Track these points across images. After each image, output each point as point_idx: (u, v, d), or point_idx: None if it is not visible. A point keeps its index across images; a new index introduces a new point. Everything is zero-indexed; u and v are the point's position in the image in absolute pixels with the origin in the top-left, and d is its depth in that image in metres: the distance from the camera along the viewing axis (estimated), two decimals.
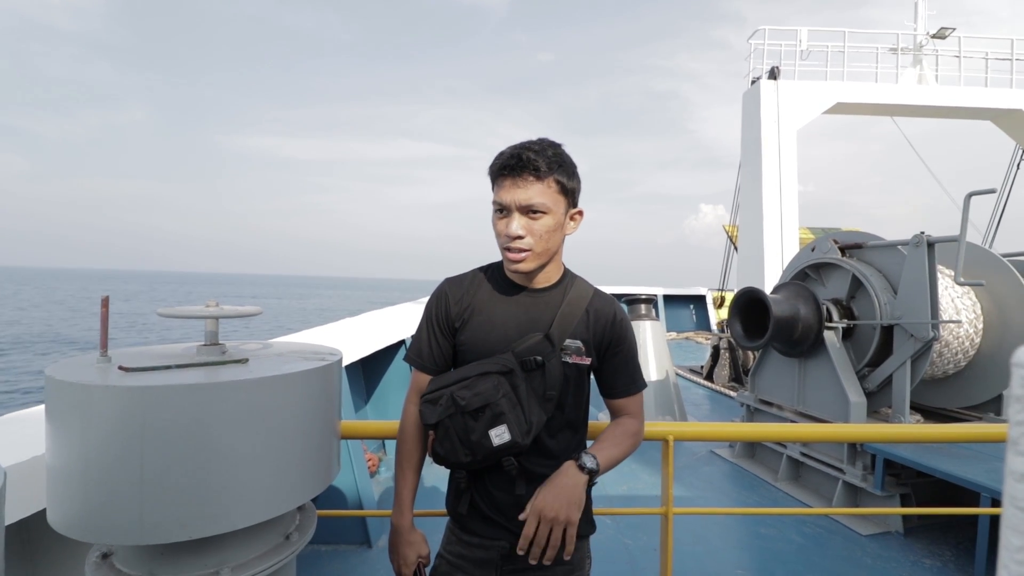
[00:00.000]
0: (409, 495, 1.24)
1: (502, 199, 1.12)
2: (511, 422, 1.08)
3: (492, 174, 1.15)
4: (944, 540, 3.02)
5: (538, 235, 1.12)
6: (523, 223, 1.12)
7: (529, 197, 1.10)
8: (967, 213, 3.27)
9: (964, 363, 3.91)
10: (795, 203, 10.64)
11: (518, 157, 1.10)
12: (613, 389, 1.24)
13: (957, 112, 11.57)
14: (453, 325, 1.22)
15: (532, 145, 1.13)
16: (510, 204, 1.11)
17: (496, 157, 1.15)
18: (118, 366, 0.98)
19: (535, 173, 1.10)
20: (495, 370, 1.11)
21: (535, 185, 1.11)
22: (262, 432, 0.98)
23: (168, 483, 0.89)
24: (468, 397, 1.09)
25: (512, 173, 1.11)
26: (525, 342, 1.15)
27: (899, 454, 3.06)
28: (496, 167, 1.14)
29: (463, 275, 1.28)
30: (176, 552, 0.99)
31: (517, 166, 1.10)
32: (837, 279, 4.04)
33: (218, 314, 1.11)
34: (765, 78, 10.87)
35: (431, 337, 1.23)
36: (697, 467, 4.23)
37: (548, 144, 1.14)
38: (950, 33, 11.19)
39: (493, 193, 1.16)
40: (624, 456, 1.20)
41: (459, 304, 1.22)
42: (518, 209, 1.11)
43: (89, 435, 0.88)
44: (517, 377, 1.12)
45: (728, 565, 2.77)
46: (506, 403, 1.09)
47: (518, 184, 1.11)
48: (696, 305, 14.41)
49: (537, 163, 1.10)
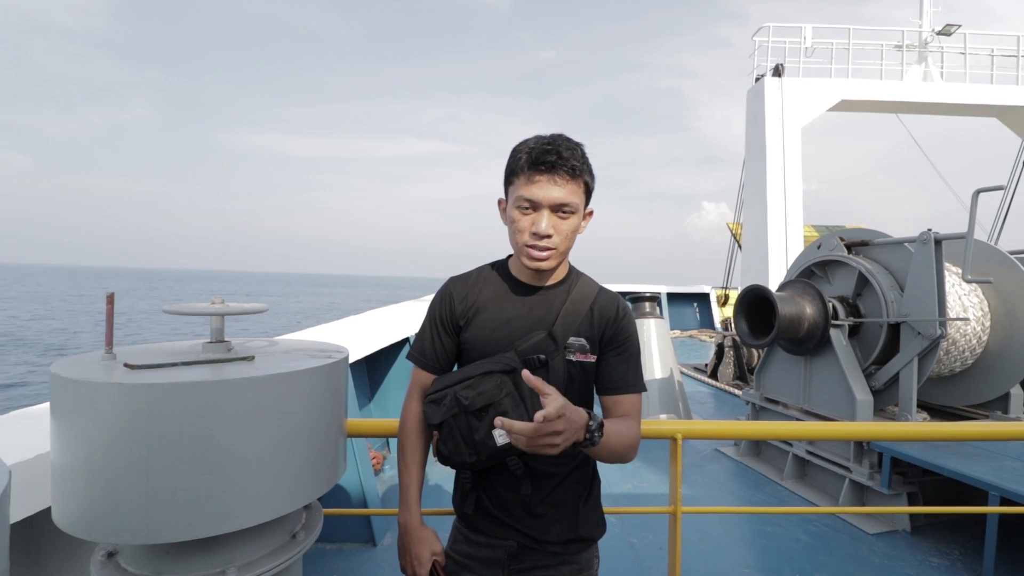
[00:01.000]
0: (416, 492, 1.21)
1: (534, 195, 1.07)
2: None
3: (520, 167, 1.09)
4: (952, 539, 3.00)
5: (564, 234, 1.10)
6: (553, 221, 1.08)
7: (564, 196, 1.07)
8: (975, 210, 3.25)
9: (971, 361, 3.89)
10: (800, 200, 10.60)
11: (557, 153, 1.06)
12: (609, 384, 1.16)
13: (962, 109, 11.50)
14: (457, 323, 1.21)
15: (565, 141, 1.09)
16: (542, 201, 1.07)
17: (523, 150, 1.10)
18: (124, 363, 0.97)
19: (571, 172, 1.07)
20: (498, 369, 1.10)
21: (569, 184, 1.07)
22: (269, 430, 0.97)
23: (175, 482, 0.89)
24: (471, 397, 1.08)
25: (550, 169, 1.06)
26: (528, 340, 1.14)
27: (906, 452, 3.04)
28: (529, 161, 1.08)
29: (468, 273, 1.26)
30: (182, 551, 0.98)
31: (556, 163, 1.06)
32: (843, 277, 4.01)
33: (224, 311, 1.10)
34: (769, 75, 10.83)
35: (435, 335, 1.21)
36: (702, 465, 4.22)
37: (575, 142, 1.11)
38: (955, 30, 11.13)
39: (513, 186, 1.11)
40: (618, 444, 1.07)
41: (464, 302, 1.20)
42: (549, 207, 1.08)
43: (95, 433, 0.87)
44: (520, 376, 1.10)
45: (734, 564, 2.76)
46: (509, 402, 1.07)
47: (555, 181, 1.06)
48: (700, 303, 14.38)
49: (573, 161, 1.07)
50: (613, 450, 1.07)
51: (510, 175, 1.12)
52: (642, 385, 1.20)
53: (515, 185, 1.11)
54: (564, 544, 1.16)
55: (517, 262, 1.20)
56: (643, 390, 1.20)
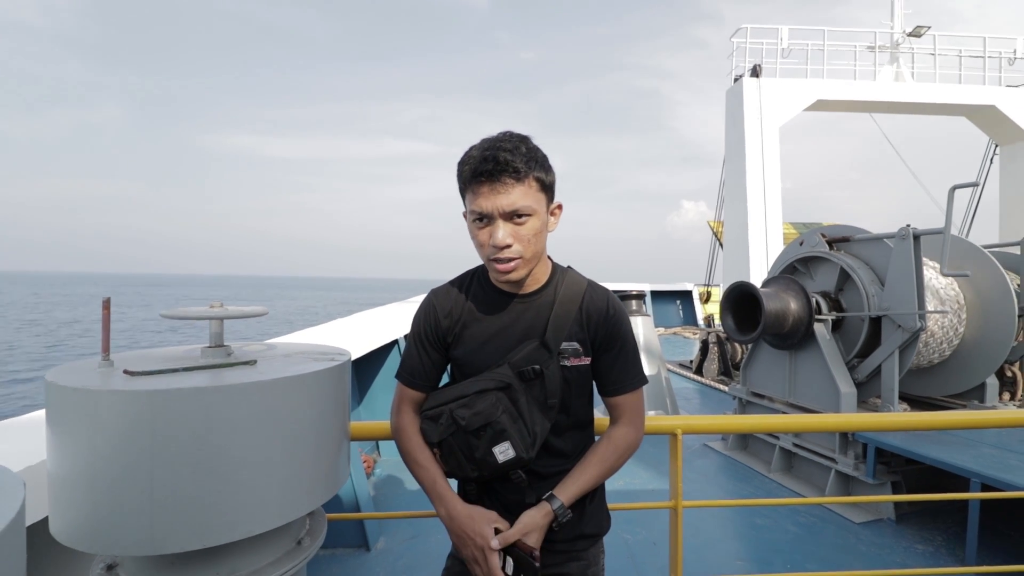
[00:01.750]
0: (444, 483, 1.13)
1: (482, 207, 1.02)
2: (514, 438, 1.06)
3: (464, 180, 1.05)
4: (935, 525, 3.08)
5: (526, 240, 1.05)
6: (509, 230, 1.03)
7: (512, 202, 1.01)
8: (951, 206, 3.34)
9: (949, 352, 4.00)
10: (779, 198, 10.81)
11: (494, 160, 1.00)
12: (608, 385, 1.18)
13: (933, 108, 11.85)
14: (445, 340, 1.17)
15: (503, 143, 1.03)
16: (492, 212, 1.02)
17: (464, 160, 1.05)
18: (123, 370, 0.94)
19: (514, 175, 1.01)
20: (492, 387, 1.08)
21: (516, 188, 1.01)
22: (274, 435, 0.95)
23: (179, 490, 0.86)
24: (468, 416, 1.06)
25: (490, 178, 1.00)
26: (520, 352, 1.11)
27: (889, 442, 3.12)
28: (468, 173, 1.03)
29: (448, 286, 1.21)
30: (185, 561, 0.95)
31: (494, 170, 1.00)
32: (825, 272, 4.10)
33: (224, 315, 1.07)
34: (748, 76, 11.01)
35: (422, 353, 1.18)
36: (691, 460, 4.27)
37: (518, 138, 1.05)
38: (925, 31, 11.46)
39: (466, 201, 1.06)
40: (607, 474, 1.16)
41: (449, 318, 1.17)
42: (501, 216, 1.02)
43: (95, 443, 0.85)
44: (516, 391, 1.08)
45: (726, 556, 2.80)
46: (507, 419, 1.06)
47: (497, 190, 1.01)
48: (683, 300, 14.55)
49: (515, 163, 1.00)
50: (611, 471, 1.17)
51: (461, 189, 1.08)
52: (641, 378, 1.20)
53: (467, 199, 1.06)
54: (571, 541, 1.17)
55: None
56: (643, 383, 1.20)
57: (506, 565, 1.05)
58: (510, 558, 1.05)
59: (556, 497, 1.10)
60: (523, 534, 1.06)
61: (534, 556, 1.05)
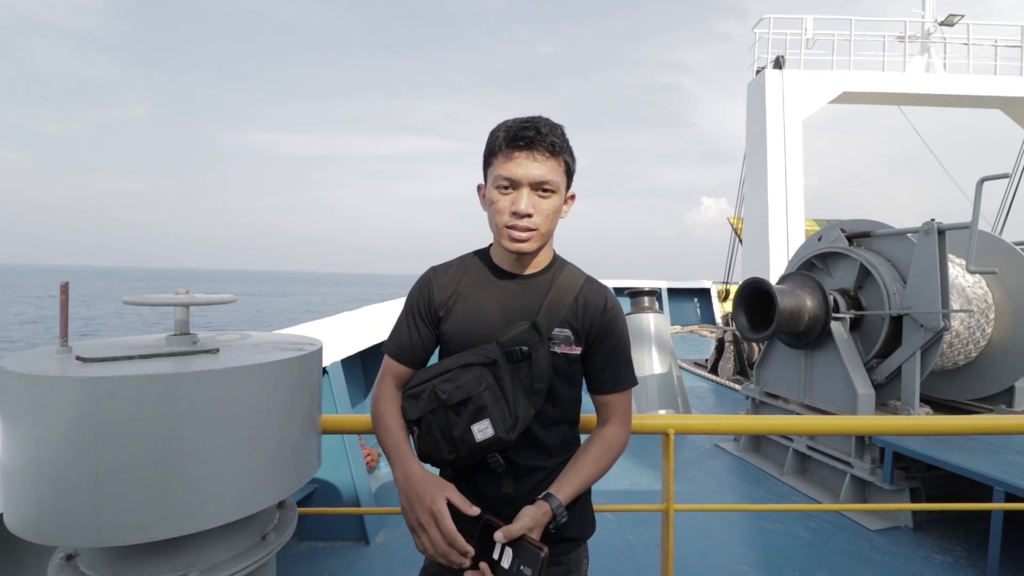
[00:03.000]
0: (406, 445, 1.08)
1: (512, 173, 1.03)
2: (494, 416, 1.02)
3: (497, 144, 1.05)
4: (955, 535, 2.94)
5: (545, 214, 1.05)
6: (533, 200, 1.04)
7: (543, 173, 1.03)
8: (979, 199, 3.18)
9: (975, 354, 3.82)
10: (801, 193, 10.52)
11: (535, 129, 1.02)
12: (598, 383, 1.16)
13: (965, 100, 11.40)
14: (436, 314, 1.15)
15: (542, 120, 1.05)
16: (521, 178, 1.02)
17: (501, 128, 1.06)
18: (76, 356, 0.91)
19: (551, 149, 1.03)
20: (477, 361, 1.05)
21: (549, 161, 1.04)
22: (231, 426, 0.92)
23: (126, 481, 0.83)
24: (449, 390, 1.03)
25: (528, 146, 1.02)
26: (511, 332, 1.09)
27: (909, 447, 2.98)
28: (507, 138, 1.04)
29: (449, 262, 1.20)
30: (142, 553, 0.93)
31: (535, 139, 1.02)
32: (844, 269, 3.95)
33: (188, 301, 1.04)
34: (770, 68, 10.73)
35: (411, 325, 1.16)
36: (701, 461, 4.16)
37: (554, 123, 1.07)
38: (958, 20, 11.01)
39: (492, 166, 1.06)
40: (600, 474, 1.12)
41: (443, 291, 1.15)
42: (529, 184, 1.03)
43: (41, 431, 0.82)
44: (501, 369, 1.06)
45: (732, 561, 2.71)
46: (489, 396, 1.02)
47: (534, 158, 1.02)
48: (700, 298, 14.31)
49: (552, 139, 1.03)
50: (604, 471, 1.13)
51: (488, 156, 1.08)
52: (632, 380, 1.17)
53: (493, 165, 1.06)
54: (552, 545, 1.11)
55: (498, 248, 1.14)
56: (633, 384, 1.18)
57: (503, 558, 1.00)
58: (509, 549, 1.00)
59: (554, 496, 1.05)
60: (528, 529, 1.00)
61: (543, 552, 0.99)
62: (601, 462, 1.12)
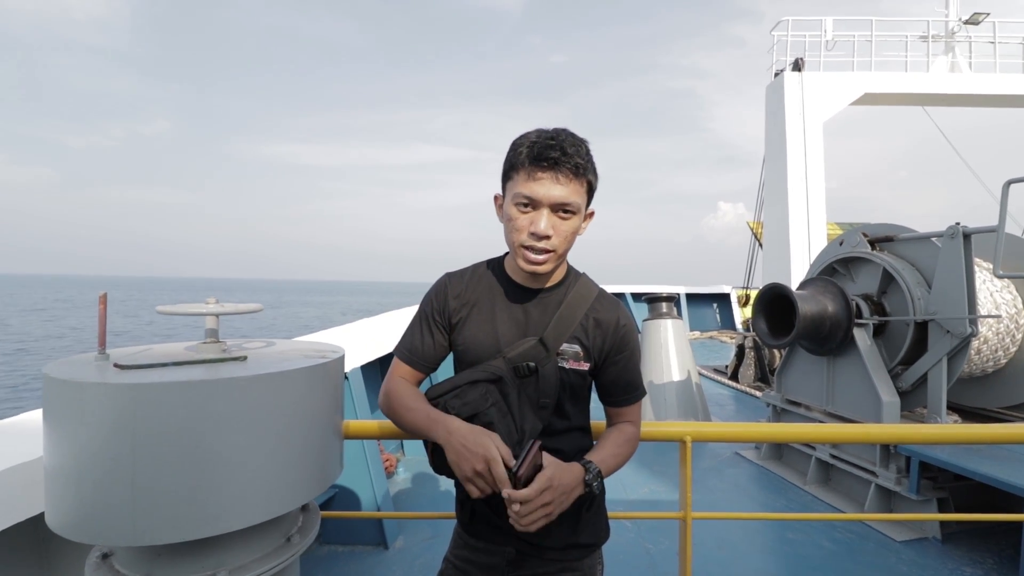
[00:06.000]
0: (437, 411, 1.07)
1: (534, 192, 1.00)
2: (501, 432, 1.03)
3: (519, 160, 1.02)
4: (985, 547, 2.86)
5: (563, 236, 1.04)
6: (552, 221, 1.02)
7: (566, 195, 1.00)
8: (1006, 202, 3.10)
9: (1004, 360, 3.72)
10: (822, 197, 10.34)
11: (561, 149, 0.99)
12: (611, 397, 1.18)
13: (993, 100, 11.11)
14: (450, 320, 1.16)
15: (566, 137, 1.02)
16: (542, 199, 1.00)
17: (521, 142, 1.03)
18: (113, 363, 0.96)
19: (574, 170, 1.01)
20: (483, 378, 1.07)
21: (572, 183, 1.01)
22: (259, 431, 0.95)
23: (161, 483, 0.87)
24: (457, 407, 1.05)
25: (552, 166, 0.99)
26: (518, 347, 1.09)
27: (936, 456, 2.91)
28: (530, 155, 1.00)
29: (464, 270, 1.22)
30: (174, 553, 0.96)
31: (560, 159, 0.99)
32: (867, 274, 3.88)
33: (218, 311, 1.09)
34: (789, 70, 10.60)
35: (424, 330, 1.17)
36: (721, 469, 4.11)
37: (579, 139, 1.04)
38: (984, 18, 10.76)
39: (512, 181, 1.04)
40: (621, 465, 1.14)
41: (458, 299, 1.16)
42: (550, 206, 1.01)
43: (82, 434, 0.87)
44: (508, 385, 1.07)
45: (753, 571, 2.67)
46: (495, 412, 1.04)
47: (558, 179, 1.00)
48: (720, 304, 14.13)
49: (577, 159, 1.01)
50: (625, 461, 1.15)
51: (509, 170, 1.06)
52: (642, 390, 1.20)
53: (514, 181, 1.04)
54: (563, 550, 1.13)
55: (512, 262, 1.13)
56: (643, 395, 1.20)
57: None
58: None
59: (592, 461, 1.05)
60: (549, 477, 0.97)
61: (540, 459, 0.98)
62: (623, 447, 1.14)
